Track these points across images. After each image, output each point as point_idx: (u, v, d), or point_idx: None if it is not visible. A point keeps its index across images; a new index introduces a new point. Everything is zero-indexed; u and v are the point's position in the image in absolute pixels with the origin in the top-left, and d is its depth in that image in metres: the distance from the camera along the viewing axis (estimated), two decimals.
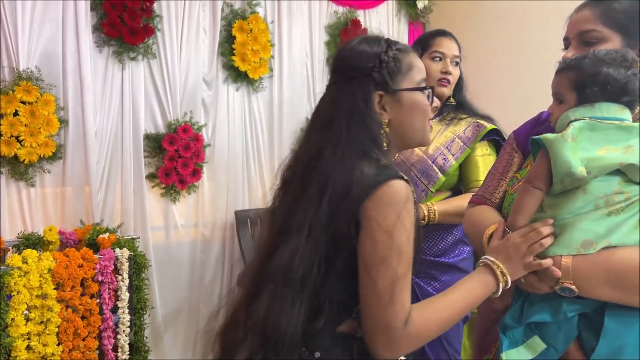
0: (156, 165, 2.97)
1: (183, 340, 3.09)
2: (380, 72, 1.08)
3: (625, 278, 1.02)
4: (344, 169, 1.02)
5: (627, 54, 1.10)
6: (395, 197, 0.99)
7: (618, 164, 1.02)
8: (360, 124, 1.06)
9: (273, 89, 3.41)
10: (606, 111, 1.07)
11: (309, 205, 1.01)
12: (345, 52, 1.13)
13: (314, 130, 1.12)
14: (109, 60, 2.79)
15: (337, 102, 1.09)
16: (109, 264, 2.25)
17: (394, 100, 1.10)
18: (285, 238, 1.02)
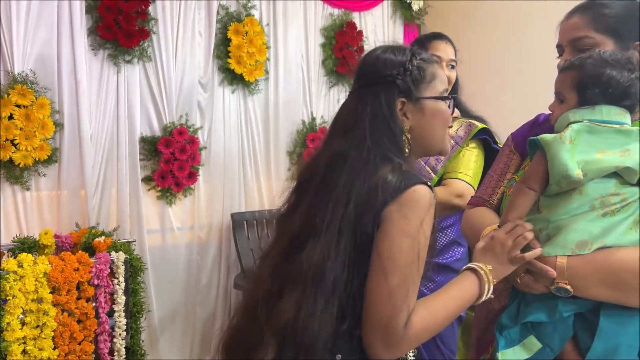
0: (152, 168, 2.96)
1: (179, 343, 3.09)
2: (404, 80, 1.11)
3: (620, 278, 1.02)
4: (368, 171, 1.03)
5: (632, 56, 1.10)
6: (419, 203, 1.00)
7: (615, 167, 1.03)
8: (383, 128, 1.08)
9: (269, 91, 3.41)
10: (607, 114, 1.07)
11: (337, 206, 1.02)
12: (370, 59, 1.14)
13: (335, 134, 1.13)
14: (104, 63, 2.79)
15: (360, 106, 1.10)
16: (105, 267, 2.25)
17: (416, 108, 1.12)
18: (312, 240, 1.02)
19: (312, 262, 1.00)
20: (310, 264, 1.00)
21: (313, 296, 0.99)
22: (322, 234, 1.01)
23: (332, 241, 1.00)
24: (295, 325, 0.98)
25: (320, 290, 0.99)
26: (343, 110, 1.16)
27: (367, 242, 1.01)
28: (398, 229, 0.99)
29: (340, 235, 1.00)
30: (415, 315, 1.00)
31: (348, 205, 1.01)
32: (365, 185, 1.02)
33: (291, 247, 1.06)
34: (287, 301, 1.00)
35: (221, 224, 3.24)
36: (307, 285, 1.00)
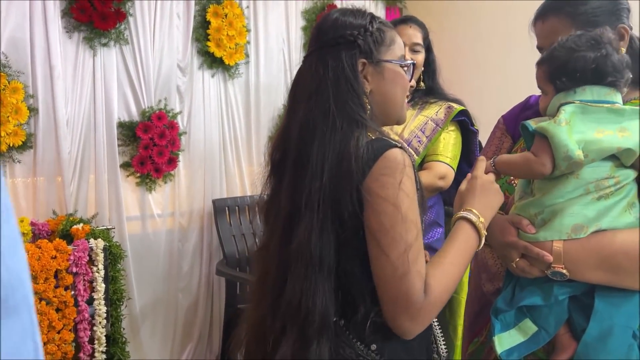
0: (130, 154, 2.90)
1: (162, 331, 3.06)
2: (365, 40, 1.08)
3: (615, 261, 1.03)
4: (337, 138, 1.01)
5: (601, 34, 1.09)
6: (392, 166, 0.98)
7: (617, 148, 1.03)
8: (347, 90, 1.04)
9: (250, 75, 3.36)
10: (596, 94, 1.07)
11: (313, 180, 1.00)
12: (329, 22, 1.11)
13: (298, 101, 1.09)
14: (79, 46, 2.70)
15: (321, 69, 1.06)
16: (84, 255, 2.21)
17: (377, 71, 1.10)
18: (297, 218, 1.01)
19: (301, 242, 0.99)
20: (299, 245, 0.99)
21: (309, 277, 0.98)
22: (304, 211, 1.00)
23: (313, 217, 0.99)
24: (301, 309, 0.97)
25: (310, 267, 0.98)
26: (302, 75, 1.12)
27: (354, 218, 0.99)
28: (378, 199, 0.97)
29: (320, 210, 0.99)
30: (430, 278, 0.97)
31: (322, 177, 0.99)
32: (336, 155, 1.00)
33: (285, 231, 1.04)
34: (290, 288, 0.99)
35: (202, 211, 3.20)
36: (301, 266, 0.98)
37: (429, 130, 2.02)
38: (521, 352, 1.08)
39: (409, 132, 2.03)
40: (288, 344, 0.99)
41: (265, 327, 1.04)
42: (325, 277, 0.99)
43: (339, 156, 0.99)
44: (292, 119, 1.09)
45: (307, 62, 1.11)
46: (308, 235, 0.98)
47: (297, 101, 1.09)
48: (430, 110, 2.07)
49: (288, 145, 1.08)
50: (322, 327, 0.97)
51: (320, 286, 0.98)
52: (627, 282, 1.04)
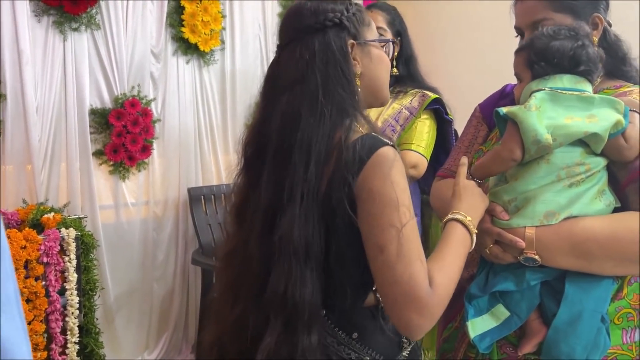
0: (103, 141, 2.85)
1: (136, 321, 3.03)
2: (350, 21, 1.04)
3: (586, 247, 1.05)
4: (325, 129, 0.97)
5: (579, 27, 1.12)
6: (385, 165, 0.95)
7: (583, 132, 1.05)
8: (336, 76, 1.00)
9: (225, 61, 3.32)
10: (567, 82, 1.10)
11: (297, 171, 0.96)
12: (306, 10, 1.05)
13: (278, 91, 1.03)
14: (49, 31, 2.63)
15: (307, 55, 1.01)
16: (55, 244, 2.16)
17: (364, 52, 1.07)
18: (280, 211, 0.97)
19: (284, 234, 0.95)
20: (282, 237, 0.95)
21: (295, 268, 0.95)
22: (288, 202, 0.96)
23: (296, 207, 0.95)
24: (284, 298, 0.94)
25: (294, 260, 0.95)
26: (281, 66, 1.05)
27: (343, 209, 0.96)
28: (373, 196, 0.94)
29: (303, 200, 0.95)
30: (434, 272, 0.94)
31: (308, 168, 0.96)
32: (324, 145, 0.96)
33: (265, 226, 1.00)
34: (274, 280, 0.96)
35: (177, 199, 3.16)
36: (285, 258, 0.95)
37: (403, 119, 2.01)
38: (493, 337, 1.10)
39: (383, 120, 2.02)
40: (272, 336, 0.95)
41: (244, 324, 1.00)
42: (313, 267, 0.96)
43: (327, 146, 0.96)
44: (271, 112, 1.03)
45: (287, 51, 1.05)
46: (291, 227, 0.95)
47: (277, 93, 1.03)
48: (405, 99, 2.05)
49: (266, 138, 1.02)
50: (311, 318, 0.95)
51: (308, 277, 0.95)
52: (597, 268, 1.06)
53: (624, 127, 1.06)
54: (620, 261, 1.06)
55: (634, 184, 1.10)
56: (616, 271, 1.07)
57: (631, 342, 1.11)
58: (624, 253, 1.05)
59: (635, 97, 1.15)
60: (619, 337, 1.09)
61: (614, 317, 1.09)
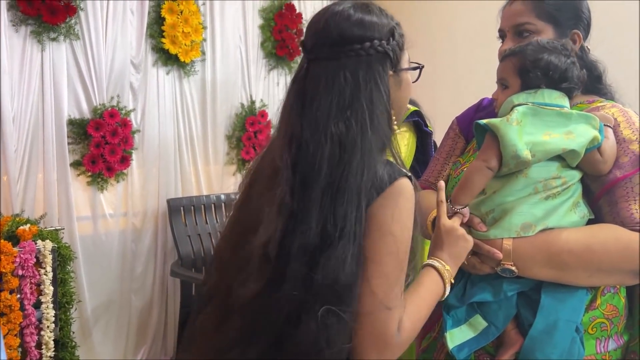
0: (81, 152, 2.81)
1: (114, 334, 2.98)
2: (394, 51, 0.98)
3: (561, 258, 1.08)
4: (371, 165, 0.92)
5: (568, 44, 1.16)
6: (400, 197, 0.92)
7: (562, 149, 1.07)
8: (381, 110, 0.95)
9: (206, 72, 3.32)
10: (548, 97, 1.12)
11: (349, 209, 0.89)
12: (352, 22, 0.96)
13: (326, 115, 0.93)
14: (27, 41, 2.59)
15: (353, 83, 0.94)
16: (30, 257, 2.13)
17: (396, 80, 1.02)
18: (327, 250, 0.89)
19: (328, 275, 0.87)
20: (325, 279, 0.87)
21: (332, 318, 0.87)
22: (337, 241, 0.88)
23: (347, 249, 0.88)
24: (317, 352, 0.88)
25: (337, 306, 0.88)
26: (320, 83, 0.95)
27: None
28: (383, 230, 0.91)
29: (354, 242, 0.89)
30: (404, 316, 0.93)
31: (360, 207, 0.89)
32: (369, 182, 0.91)
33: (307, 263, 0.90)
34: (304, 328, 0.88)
35: (157, 210, 3.14)
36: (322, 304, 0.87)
37: None
38: (471, 348, 1.11)
39: None
40: None
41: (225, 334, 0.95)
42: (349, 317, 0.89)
43: (369, 183, 0.91)
44: (314, 133, 0.93)
45: (323, 68, 0.96)
46: (341, 270, 0.87)
47: (322, 113, 0.93)
48: None
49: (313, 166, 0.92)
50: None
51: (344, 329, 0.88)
52: (571, 279, 1.09)
53: (599, 142, 1.09)
54: (594, 272, 1.08)
55: (607, 196, 1.13)
56: (590, 282, 1.10)
57: (605, 352, 1.13)
58: (598, 264, 1.07)
59: (608, 112, 1.19)
60: (593, 347, 1.12)
61: (588, 327, 1.11)
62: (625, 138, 1.14)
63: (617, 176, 1.12)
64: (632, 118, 1.18)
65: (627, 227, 1.08)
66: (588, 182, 1.15)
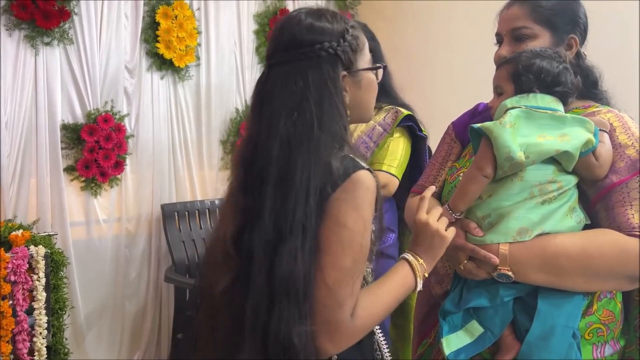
0: (75, 157, 2.80)
1: (107, 340, 2.96)
2: (345, 51, 1.03)
3: (557, 263, 1.07)
4: (320, 161, 0.96)
5: (561, 52, 1.19)
6: (357, 189, 0.96)
7: (555, 150, 1.07)
8: (331, 109, 1.00)
9: (200, 77, 3.31)
10: (541, 101, 1.13)
11: (298, 204, 0.94)
12: (302, 27, 1.02)
13: (274, 114, 1.00)
14: (20, 45, 2.58)
15: (302, 82, 0.99)
16: (23, 262, 2.11)
17: (354, 81, 1.06)
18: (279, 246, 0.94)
19: (283, 272, 0.93)
20: (282, 274, 0.93)
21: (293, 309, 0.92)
22: (287, 237, 0.94)
23: (297, 243, 0.93)
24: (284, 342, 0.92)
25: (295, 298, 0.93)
26: (275, 86, 1.02)
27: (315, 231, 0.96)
28: (340, 221, 0.94)
29: (305, 235, 0.94)
30: (360, 305, 0.96)
31: (308, 201, 0.94)
32: (319, 178, 0.95)
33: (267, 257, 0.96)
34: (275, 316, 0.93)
35: (151, 216, 3.12)
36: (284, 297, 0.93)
37: (377, 136, 2.02)
38: (468, 353, 1.11)
39: (357, 137, 2.03)
40: None
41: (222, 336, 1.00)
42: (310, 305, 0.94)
43: (320, 178, 0.95)
44: (268, 135, 1.00)
45: (279, 72, 1.03)
46: (294, 263, 0.93)
47: (272, 116, 1.00)
48: (379, 116, 2.06)
49: (265, 162, 0.99)
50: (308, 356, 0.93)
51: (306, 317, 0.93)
52: (568, 284, 1.09)
53: (594, 145, 1.09)
54: (591, 277, 1.08)
55: (603, 201, 1.13)
56: (587, 287, 1.10)
57: (601, 357, 1.13)
58: (594, 269, 1.07)
59: (604, 117, 1.19)
60: (590, 352, 1.12)
61: (584, 333, 1.11)
62: (621, 143, 1.15)
63: (614, 181, 1.12)
64: (627, 123, 1.19)
65: (624, 232, 1.08)
66: (584, 187, 1.15)
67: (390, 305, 1.02)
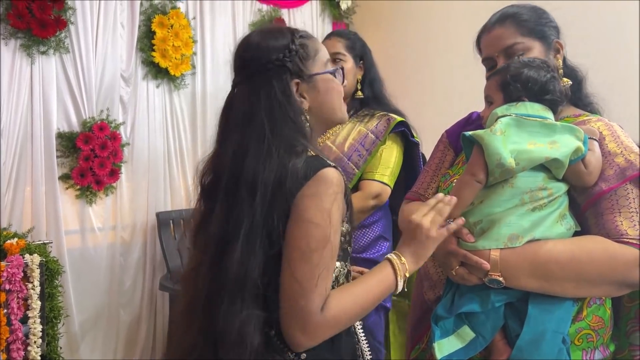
0: (70, 165, 2.80)
1: (102, 348, 2.95)
2: (292, 61, 1.09)
3: (548, 269, 1.09)
4: (272, 165, 1.01)
5: (549, 61, 1.21)
6: (323, 186, 1.00)
7: (545, 157, 1.09)
8: (282, 117, 1.05)
9: (196, 86, 3.33)
10: (530, 109, 1.15)
11: (244, 206, 1.00)
12: (251, 48, 1.11)
13: (230, 129, 1.09)
14: (16, 54, 2.60)
15: (253, 97, 1.07)
16: (18, 271, 2.11)
17: (310, 86, 1.12)
18: (227, 246, 1.01)
19: (231, 270, 0.99)
20: (228, 273, 0.99)
21: (236, 300, 0.99)
22: (237, 238, 1.00)
23: (243, 246, 0.99)
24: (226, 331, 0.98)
25: (239, 294, 0.99)
26: (234, 101, 1.11)
27: (278, 236, 1.00)
28: (304, 216, 0.98)
29: (252, 236, 0.99)
30: (333, 299, 1.00)
31: (254, 203, 0.99)
32: (269, 180, 1.00)
33: (215, 257, 1.03)
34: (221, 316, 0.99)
35: (146, 224, 3.12)
36: (233, 293, 0.99)
37: (369, 144, 2.01)
38: (459, 358, 1.12)
39: (349, 145, 2.01)
40: None
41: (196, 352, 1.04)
42: (252, 299, 1.00)
43: (274, 182, 1.00)
44: (224, 145, 1.09)
45: (239, 90, 1.11)
46: (238, 263, 0.99)
47: (230, 128, 1.09)
48: (371, 123, 2.05)
49: (220, 170, 1.08)
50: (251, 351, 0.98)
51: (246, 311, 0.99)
52: (558, 289, 1.10)
53: (583, 153, 1.11)
54: (581, 282, 1.09)
55: (592, 208, 1.15)
56: (576, 292, 1.11)
57: None
58: (584, 275, 1.09)
59: (594, 125, 1.21)
60: (580, 358, 1.13)
61: (574, 338, 1.12)
62: (611, 151, 1.16)
63: (603, 189, 1.13)
64: (617, 132, 1.21)
65: (612, 239, 1.10)
66: (574, 194, 1.17)
67: (368, 303, 1.05)
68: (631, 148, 1.17)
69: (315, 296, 0.97)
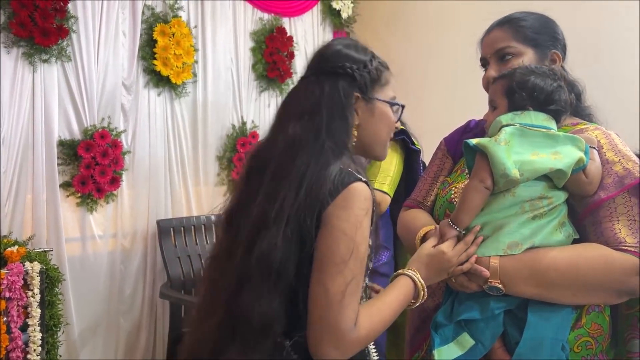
0: (71, 173, 2.81)
1: (101, 356, 2.94)
2: (362, 76, 1.11)
3: (547, 276, 1.09)
4: (321, 162, 1.02)
5: (557, 69, 1.20)
6: (354, 200, 1.00)
7: (549, 168, 1.10)
8: (339, 117, 1.07)
9: (197, 94, 3.34)
10: (535, 119, 1.15)
11: (288, 195, 1.00)
12: (331, 51, 1.14)
13: (288, 118, 1.10)
14: (18, 62, 2.61)
15: (318, 91, 1.09)
16: (18, 279, 2.11)
17: (367, 107, 1.13)
18: (263, 230, 1.00)
19: (262, 255, 0.99)
20: (260, 258, 0.99)
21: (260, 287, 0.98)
22: (272, 224, 1.00)
23: (279, 231, 0.99)
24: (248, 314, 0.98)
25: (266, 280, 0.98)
26: (296, 94, 1.14)
27: (308, 236, 1.00)
28: (335, 230, 0.98)
29: (287, 225, 0.99)
30: (364, 315, 1.00)
31: (298, 194, 1.00)
32: (317, 175, 1.01)
33: (250, 241, 1.03)
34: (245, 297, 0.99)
35: (146, 232, 3.13)
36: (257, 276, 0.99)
37: None
38: None
39: None
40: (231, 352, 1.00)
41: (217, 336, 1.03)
42: (280, 292, 0.99)
43: (319, 177, 1.01)
44: (278, 133, 1.10)
45: (304, 83, 1.14)
46: (271, 247, 0.98)
47: (287, 118, 1.10)
48: None
49: (270, 156, 1.08)
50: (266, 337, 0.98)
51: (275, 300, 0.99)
52: (557, 296, 1.10)
53: (585, 163, 1.11)
54: (579, 290, 1.10)
55: (591, 216, 1.15)
56: (575, 300, 1.11)
57: None
58: (582, 282, 1.09)
59: (591, 134, 1.21)
60: None
61: (573, 346, 1.12)
62: (609, 160, 1.17)
63: (601, 197, 1.14)
64: (614, 140, 1.21)
65: (611, 247, 1.10)
66: (573, 202, 1.17)
67: (390, 318, 1.06)
68: (629, 156, 1.17)
69: (349, 312, 0.97)
